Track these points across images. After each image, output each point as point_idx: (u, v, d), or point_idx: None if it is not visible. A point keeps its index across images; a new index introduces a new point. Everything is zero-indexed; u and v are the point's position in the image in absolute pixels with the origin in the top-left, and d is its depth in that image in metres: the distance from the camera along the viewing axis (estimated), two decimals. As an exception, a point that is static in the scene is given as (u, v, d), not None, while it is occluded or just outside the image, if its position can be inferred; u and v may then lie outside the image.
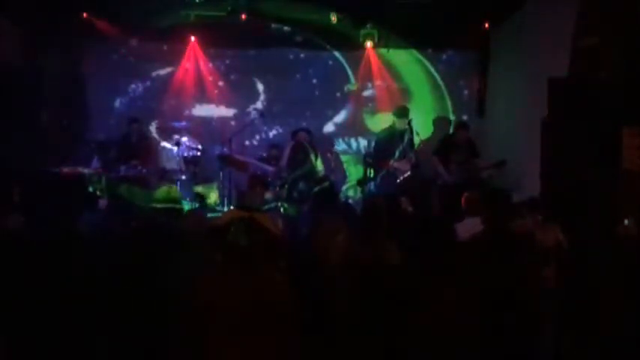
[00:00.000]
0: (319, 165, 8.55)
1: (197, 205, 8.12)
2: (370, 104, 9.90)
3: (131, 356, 3.57)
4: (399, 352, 3.14)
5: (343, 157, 9.78)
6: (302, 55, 9.77)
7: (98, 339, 3.61)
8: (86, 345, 3.53)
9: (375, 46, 9.54)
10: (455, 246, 3.64)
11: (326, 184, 7.35)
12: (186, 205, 7.41)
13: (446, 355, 3.08)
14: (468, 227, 4.65)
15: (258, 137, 9.73)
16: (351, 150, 9.87)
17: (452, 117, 9.82)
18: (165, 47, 9.45)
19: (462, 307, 3.15)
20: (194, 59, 9.43)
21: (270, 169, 8.43)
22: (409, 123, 8.08)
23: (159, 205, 4.64)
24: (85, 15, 8.69)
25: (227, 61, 9.71)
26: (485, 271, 3.78)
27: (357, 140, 9.85)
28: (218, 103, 9.65)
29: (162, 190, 4.82)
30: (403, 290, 3.21)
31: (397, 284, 3.27)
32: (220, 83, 9.64)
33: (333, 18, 9.00)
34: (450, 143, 8.36)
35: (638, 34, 6.17)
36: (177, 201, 4.76)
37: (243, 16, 8.80)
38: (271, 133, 9.74)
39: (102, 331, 3.62)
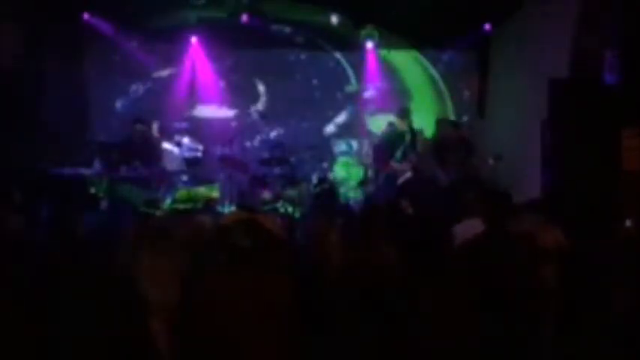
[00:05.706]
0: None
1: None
2: (371, 105, 9.91)
3: (131, 356, 3.58)
4: (398, 353, 3.14)
5: (344, 159, 9.76)
6: (303, 56, 9.80)
7: (99, 339, 3.61)
8: (87, 346, 3.53)
9: (376, 47, 9.55)
10: (454, 247, 3.64)
11: (326, 185, 7.35)
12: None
13: (445, 356, 3.09)
14: (468, 228, 4.64)
15: (259, 138, 9.74)
16: (351, 151, 9.87)
17: (453, 118, 9.82)
18: (166, 48, 9.47)
19: (462, 308, 3.16)
20: (195, 60, 9.45)
21: None
22: (410, 124, 8.09)
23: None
24: (85, 15, 8.71)
25: (228, 62, 9.72)
26: (485, 272, 3.78)
27: (357, 141, 9.86)
28: (219, 104, 9.67)
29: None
30: (402, 291, 3.22)
31: (396, 285, 3.28)
32: (221, 84, 9.66)
33: (334, 19, 9.01)
34: (441, 144, 8.36)
35: (638, 33, 6.17)
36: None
37: (244, 18, 8.82)
38: (272, 134, 9.76)
39: (102, 330, 3.62)
